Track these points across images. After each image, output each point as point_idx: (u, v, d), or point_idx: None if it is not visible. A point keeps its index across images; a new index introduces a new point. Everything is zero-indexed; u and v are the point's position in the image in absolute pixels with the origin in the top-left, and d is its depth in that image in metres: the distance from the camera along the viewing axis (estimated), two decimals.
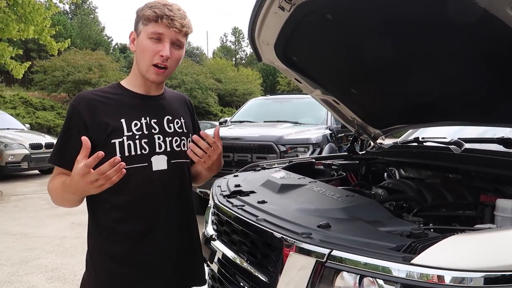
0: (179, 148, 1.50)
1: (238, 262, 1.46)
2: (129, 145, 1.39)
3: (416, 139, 2.59)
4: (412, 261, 0.95)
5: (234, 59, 54.69)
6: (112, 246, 1.41)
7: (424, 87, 2.02)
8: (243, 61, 54.70)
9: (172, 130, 1.50)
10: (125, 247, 1.40)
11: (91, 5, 42.14)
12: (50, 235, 5.09)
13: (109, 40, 42.09)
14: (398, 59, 1.89)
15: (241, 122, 6.72)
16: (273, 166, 2.61)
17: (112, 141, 1.37)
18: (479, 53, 1.53)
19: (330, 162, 2.68)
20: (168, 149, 1.46)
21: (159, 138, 1.45)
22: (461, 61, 1.64)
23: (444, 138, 2.36)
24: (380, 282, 0.99)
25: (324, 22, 1.74)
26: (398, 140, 2.94)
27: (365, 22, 1.70)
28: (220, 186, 2.03)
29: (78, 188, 1.22)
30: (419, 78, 1.99)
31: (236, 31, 57.18)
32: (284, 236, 1.21)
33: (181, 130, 1.53)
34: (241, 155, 5.17)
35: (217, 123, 12.77)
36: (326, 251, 1.08)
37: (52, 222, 5.70)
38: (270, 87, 42.96)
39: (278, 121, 6.24)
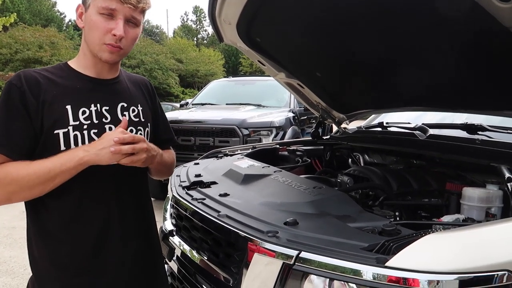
0: None
1: (198, 261, 1.36)
2: (75, 136, 1.21)
3: (380, 124, 2.57)
4: (387, 264, 0.88)
5: (195, 39, 53.48)
6: (59, 254, 1.24)
7: (390, 72, 1.98)
8: (205, 41, 53.65)
9: (127, 119, 1.34)
10: (74, 254, 1.24)
11: None
12: None
13: (62, 16, 39.72)
14: (365, 43, 1.82)
15: (202, 104, 6.56)
16: (236, 153, 2.50)
17: (56, 131, 1.19)
18: (453, 39, 1.48)
19: (295, 148, 2.61)
20: None
21: (110, 129, 1.28)
22: (430, 47, 1.59)
23: (409, 123, 2.34)
24: (352, 285, 0.92)
25: (289, 1, 1.63)
26: (362, 124, 2.91)
27: (331, 4, 1.61)
28: (179, 176, 1.90)
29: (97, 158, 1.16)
30: (385, 63, 1.94)
31: (197, 10, 55.78)
32: (248, 235, 1.12)
33: (137, 119, 1.36)
34: (203, 139, 5.04)
35: (178, 105, 12.45)
36: (294, 252, 0.99)
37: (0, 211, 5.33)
38: (233, 68, 42.53)
39: (241, 104, 6.13)
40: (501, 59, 1.44)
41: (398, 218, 1.46)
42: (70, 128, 1.21)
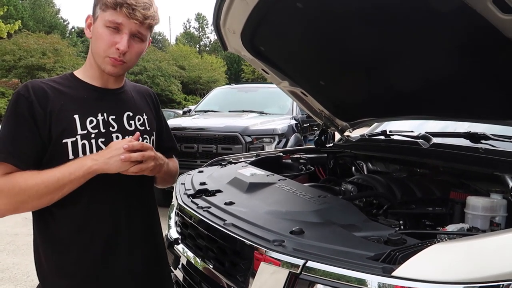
0: None
1: (204, 269, 1.36)
2: (83, 145, 1.23)
3: (383, 132, 2.57)
4: (393, 273, 0.89)
5: (197, 46, 53.75)
6: (67, 261, 1.25)
7: (394, 81, 1.99)
8: (207, 48, 53.95)
9: (133, 128, 1.35)
10: (82, 262, 1.25)
11: None
12: (0, 232, 4.76)
13: (65, 23, 40.05)
14: (368, 52, 1.83)
15: (205, 111, 6.58)
16: (240, 161, 2.51)
17: (64, 140, 1.21)
18: (455, 48, 1.49)
19: (298, 155, 2.61)
20: None
21: (117, 137, 1.30)
22: (433, 56, 1.60)
23: (412, 131, 2.35)
24: None
25: (294, 10, 1.65)
26: (365, 132, 2.92)
27: (336, 13, 1.62)
28: (184, 184, 1.90)
29: (105, 166, 1.17)
30: (389, 72, 1.95)
31: (199, 17, 56.21)
32: (254, 244, 1.12)
33: (143, 128, 1.38)
34: (205, 146, 5.05)
35: (180, 112, 12.47)
36: (300, 262, 1.00)
37: (2, 218, 5.29)
38: (235, 75, 42.69)
39: (244, 111, 6.15)
40: (504, 68, 1.46)
41: (402, 227, 1.46)
42: (78, 137, 1.23)
